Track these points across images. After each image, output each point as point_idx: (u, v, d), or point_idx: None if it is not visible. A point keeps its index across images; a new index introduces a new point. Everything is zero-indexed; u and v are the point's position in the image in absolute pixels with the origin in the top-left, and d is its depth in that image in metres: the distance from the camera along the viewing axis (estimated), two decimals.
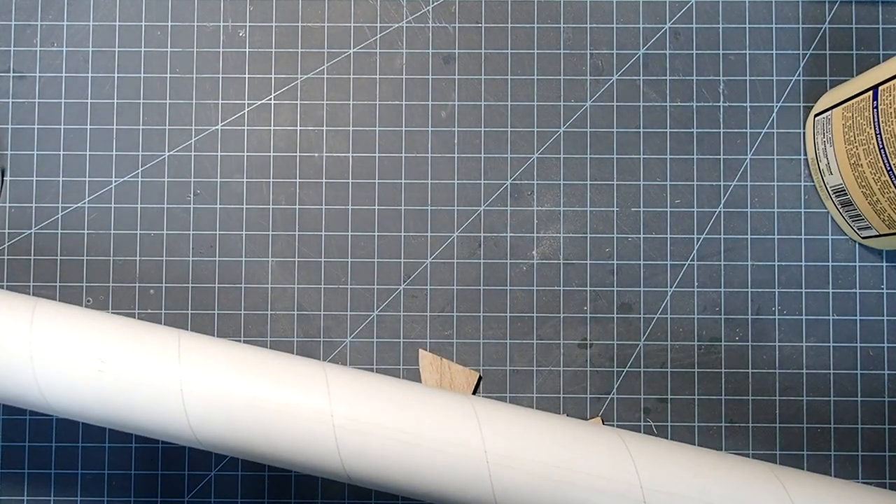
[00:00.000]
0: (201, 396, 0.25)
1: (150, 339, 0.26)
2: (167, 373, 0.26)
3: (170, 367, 0.26)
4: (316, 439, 0.25)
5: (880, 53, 0.36)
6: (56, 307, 0.27)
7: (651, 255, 0.35)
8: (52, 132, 0.36)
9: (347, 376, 0.27)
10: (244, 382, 0.26)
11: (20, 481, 0.35)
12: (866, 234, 0.34)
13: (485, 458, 0.25)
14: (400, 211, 0.36)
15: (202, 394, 0.25)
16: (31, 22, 0.36)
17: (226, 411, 0.25)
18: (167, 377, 0.25)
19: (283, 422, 0.25)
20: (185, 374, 0.26)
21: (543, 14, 0.36)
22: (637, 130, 0.36)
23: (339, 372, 0.27)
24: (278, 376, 0.26)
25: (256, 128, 0.36)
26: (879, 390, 0.35)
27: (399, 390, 0.26)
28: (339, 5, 0.36)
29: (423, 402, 0.26)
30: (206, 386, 0.26)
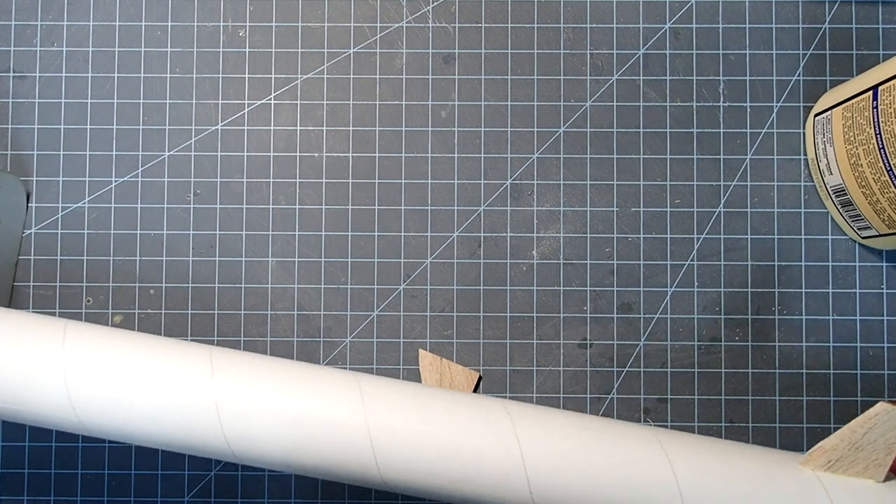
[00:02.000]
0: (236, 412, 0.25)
1: (182, 356, 0.26)
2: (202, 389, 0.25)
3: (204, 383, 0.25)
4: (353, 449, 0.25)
5: (880, 53, 0.36)
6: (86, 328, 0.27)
7: (651, 255, 0.35)
8: (52, 132, 0.36)
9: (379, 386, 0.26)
10: (278, 397, 0.25)
11: (20, 481, 0.35)
12: (866, 234, 0.34)
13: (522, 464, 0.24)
14: (400, 211, 0.36)
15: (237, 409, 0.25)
16: (31, 22, 0.36)
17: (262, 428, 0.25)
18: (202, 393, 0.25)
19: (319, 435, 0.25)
20: (220, 390, 0.25)
21: (543, 14, 0.36)
22: (637, 130, 0.36)
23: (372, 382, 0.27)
24: (312, 389, 0.26)
25: (256, 128, 0.36)
26: (879, 390, 0.35)
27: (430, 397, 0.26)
28: (339, 5, 0.36)
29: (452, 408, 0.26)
30: (240, 401, 0.25)
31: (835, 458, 0.24)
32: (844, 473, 0.25)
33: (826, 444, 0.24)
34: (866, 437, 0.24)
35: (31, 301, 0.35)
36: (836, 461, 0.25)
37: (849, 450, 0.24)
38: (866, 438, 0.24)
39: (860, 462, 0.24)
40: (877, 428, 0.23)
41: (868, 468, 0.24)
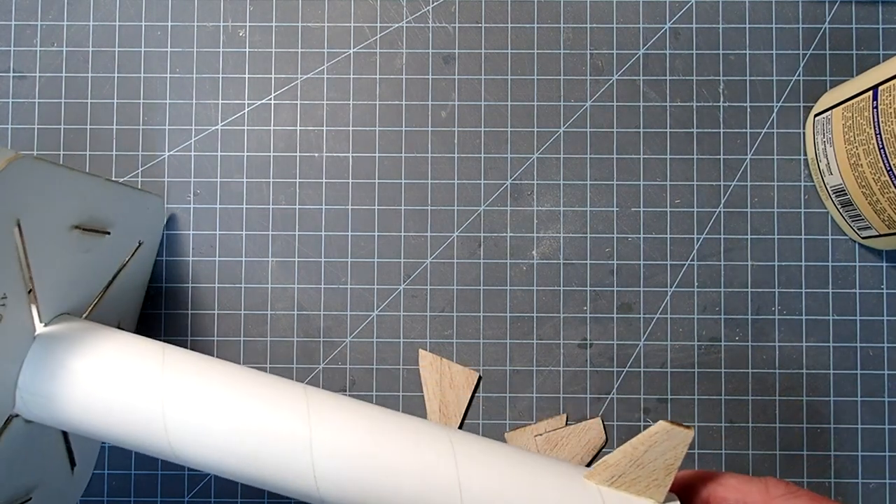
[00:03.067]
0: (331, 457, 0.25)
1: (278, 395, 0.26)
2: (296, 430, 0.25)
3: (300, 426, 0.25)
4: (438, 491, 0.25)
5: (880, 53, 0.36)
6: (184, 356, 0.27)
7: (651, 255, 0.35)
8: (52, 132, 0.36)
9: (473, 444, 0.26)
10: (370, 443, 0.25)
11: None
12: (866, 234, 0.34)
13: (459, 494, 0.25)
14: (400, 211, 0.36)
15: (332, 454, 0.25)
16: (31, 22, 0.36)
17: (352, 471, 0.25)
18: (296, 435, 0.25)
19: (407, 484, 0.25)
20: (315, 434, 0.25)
21: (543, 14, 0.36)
22: (637, 130, 0.36)
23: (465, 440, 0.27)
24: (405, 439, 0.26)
25: (256, 128, 0.36)
26: (879, 390, 0.35)
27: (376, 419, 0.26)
28: (339, 5, 0.36)
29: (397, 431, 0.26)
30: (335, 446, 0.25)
31: (618, 474, 0.24)
32: (627, 490, 0.25)
33: (610, 459, 0.24)
34: (647, 455, 0.24)
35: None
36: (618, 477, 0.24)
37: (630, 466, 0.24)
38: (647, 456, 0.24)
39: (642, 480, 0.24)
40: (657, 446, 0.23)
41: (649, 487, 0.24)
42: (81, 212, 0.28)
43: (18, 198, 0.24)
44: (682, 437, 0.23)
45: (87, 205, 0.28)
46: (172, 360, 0.26)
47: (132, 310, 0.34)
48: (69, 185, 0.27)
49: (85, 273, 0.29)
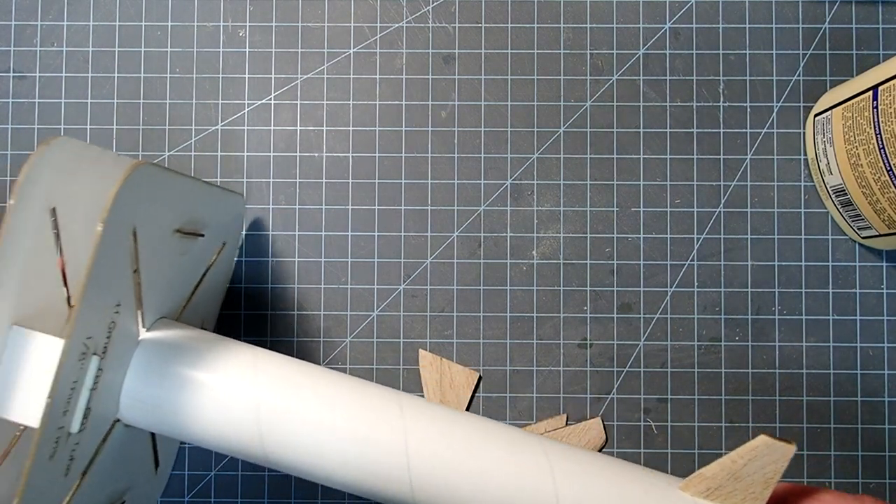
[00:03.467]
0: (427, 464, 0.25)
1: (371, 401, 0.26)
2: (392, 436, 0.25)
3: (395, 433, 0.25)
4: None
5: (880, 53, 0.36)
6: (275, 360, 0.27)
7: (651, 255, 0.35)
8: (52, 132, 0.36)
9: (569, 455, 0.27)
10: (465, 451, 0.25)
11: None
12: (866, 234, 0.34)
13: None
14: (400, 211, 0.36)
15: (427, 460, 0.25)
16: (31, 22, 0.36)
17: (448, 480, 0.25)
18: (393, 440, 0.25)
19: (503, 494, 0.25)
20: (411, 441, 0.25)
21: (543, 14, 0.36)
22: (637, 130, 0.36)
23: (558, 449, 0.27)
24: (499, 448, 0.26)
25: (256, 128, 0.36)
26: (879, 390, 0.35)
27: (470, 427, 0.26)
28: (339, 5, 0.36)
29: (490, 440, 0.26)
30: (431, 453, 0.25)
31: (714, 486, 0.24)
32: (723, 502, 0.25)
33: (706, 472, 0.24)
34: (746, 469, 0.24)
35: None
36: (714, 489, 0.24)
37: (728, 479, 0.24)
38: (746, 470, 0.24)
39: (738, 493, 0.24)
40: (757, 460, 0.23)
41: (745, 499, 0.24)
42: (182, 215, 0.28)
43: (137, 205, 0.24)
44: (783, 452, 0.23)
45: (187, 208, 0.28)
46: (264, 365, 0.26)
47: (214, 310, 0.34)
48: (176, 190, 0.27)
49: (178, 276, 0.29)
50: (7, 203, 0.22)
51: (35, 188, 0.23)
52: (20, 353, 0.24)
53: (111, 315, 0.24)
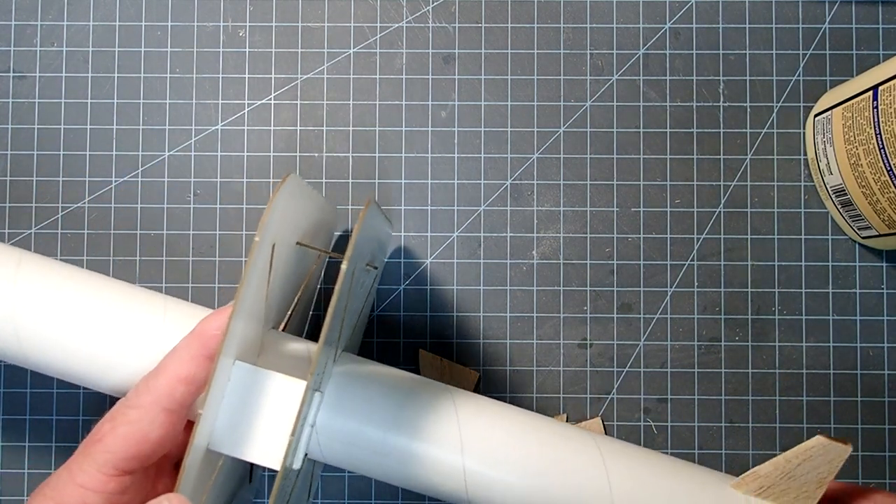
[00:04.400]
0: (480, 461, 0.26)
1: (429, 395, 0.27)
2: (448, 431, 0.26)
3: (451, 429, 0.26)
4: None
5: (880, 53, 0.36)
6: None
7: (651, 255, 0.35)
8: (52, 132, 0.36)
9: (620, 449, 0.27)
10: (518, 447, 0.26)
11: (20, 481, 0.35)
12: (866, 234, 0.34)
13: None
14: (400, 211, 0.36)
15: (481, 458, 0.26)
16: (31, 22, 0.36)
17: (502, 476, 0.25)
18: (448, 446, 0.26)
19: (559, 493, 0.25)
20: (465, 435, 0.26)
21: (543, 14, 0.36)
22: (637, 130, 0.36)
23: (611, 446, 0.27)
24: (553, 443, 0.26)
25: (256, 128, 0.36)
26: (879, 390, 0.35)
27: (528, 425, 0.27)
28: (339, 5, 0.36)
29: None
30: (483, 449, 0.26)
31: (767, 485, 0.25)
32: (775, 501, 0.25)
33: (760, 471, 0.24)
34: (800, 469, 0.24)
35: None
36: (767, 488, 0.25)
37: (781, 478, 0.24)
38: (800, 469, 0.24)
39: (791, 491, 0.24)
40: (812, 460, 0.23)
41: (798, 498, 0.24)
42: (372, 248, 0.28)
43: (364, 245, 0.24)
44: (838, 452, 0.23)
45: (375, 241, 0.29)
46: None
47: (359, 338, 0.34)
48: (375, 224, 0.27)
49: (357, 308, 0.29)
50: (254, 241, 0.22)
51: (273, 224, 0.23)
52: (250, 392, 0.23)
53: (333, 347, 0.24)
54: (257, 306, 0.24)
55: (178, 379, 0.23)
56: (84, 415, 0.35)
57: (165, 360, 0.24)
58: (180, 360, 0.23)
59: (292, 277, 0.29)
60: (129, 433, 0.23)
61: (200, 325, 0.24)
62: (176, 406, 0.24)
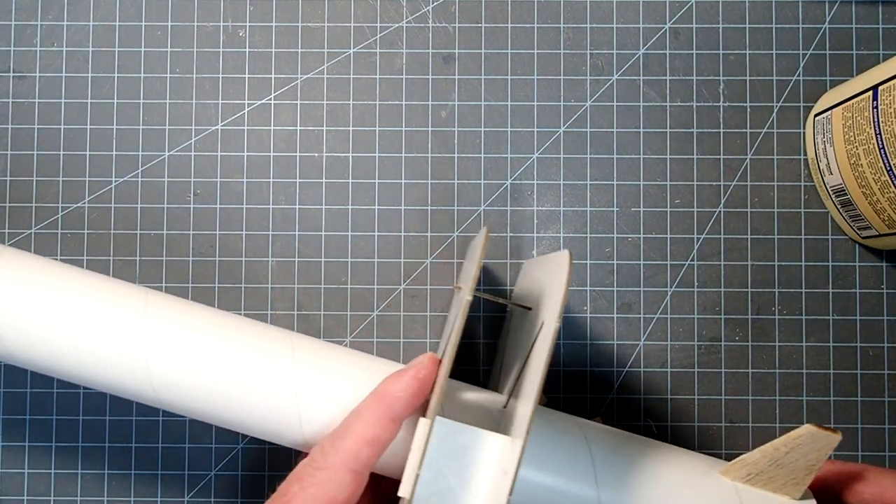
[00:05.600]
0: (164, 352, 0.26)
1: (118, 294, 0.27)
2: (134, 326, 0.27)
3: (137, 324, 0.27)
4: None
5: (880, 53, 0.36)
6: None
7: (651, 255, 0.35)
8: (52, 132, 0.36)
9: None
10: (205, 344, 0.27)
11: (20, 480, 0.35)
12: (866, 234, 0.34)
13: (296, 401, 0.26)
14: (400, 211, 0.36)
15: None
16: (31, 22, 0.36)
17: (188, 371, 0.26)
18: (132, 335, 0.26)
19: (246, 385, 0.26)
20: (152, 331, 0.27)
21: (543, 14, 0.36)
22: (637, 130, 0.36)
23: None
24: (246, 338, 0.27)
25: (256, 128, 0.36)
26: (879, 390, 0.35)
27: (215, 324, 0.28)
28: (339, 5, 0.36)
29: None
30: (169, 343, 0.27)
31: (755, 472, 0.25)
32: (763, 487, 0.25)
33: (748, 458, 0.25)
34: (788, 456, 0.24)
35: None
36: (755, 475, 0.25)
37: (770, 466, 0.24)
38: (788, 457, 0.24)
39: (780, 479, 0.24)
40: (800, 448, 0.23)
41: (786, 485, 0.24)
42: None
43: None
44: (827, 441, 0.23)
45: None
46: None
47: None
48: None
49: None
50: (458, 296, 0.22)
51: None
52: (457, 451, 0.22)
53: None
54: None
55: (365, 441, 0.23)
56: (84, 415, 0.35)
57: (350, 422, 0.24)
58: (366, 422, 0.24)
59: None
60: (318, 494, 0.24)
61: (383, 386, 0.24)
62: (361, 468, 0.24)
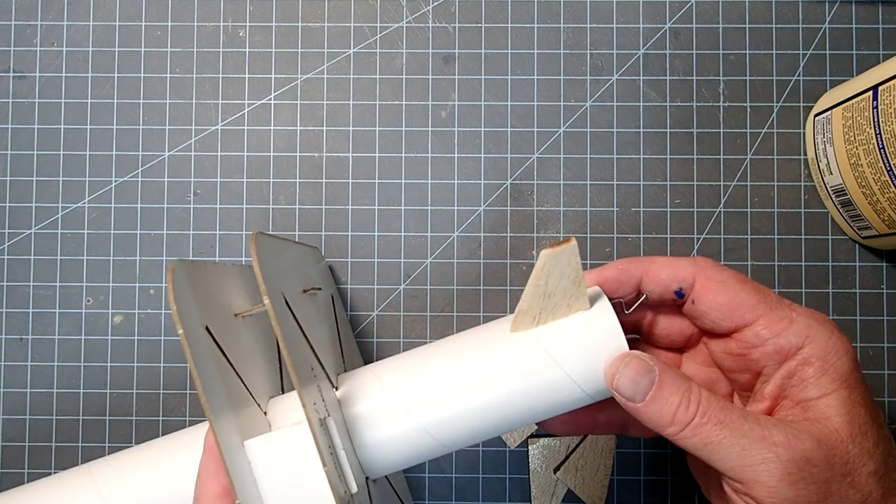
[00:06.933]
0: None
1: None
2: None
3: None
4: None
5: (880, 53, 0.36)
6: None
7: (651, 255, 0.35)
8: (52, 132, 0.36)
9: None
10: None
11: (21, 480, 0.35)
12: (866, 234, 0.34)
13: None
14: (400, 211, 0.36)
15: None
16: (31, 22, 0.36)
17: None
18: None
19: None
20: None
21: (543, 14, 0.36)
22: (637, 130, 0.36)
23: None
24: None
25: (256, 128, 0.36)
26: (879, 390, 0.35)
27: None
28: (339, 5, 0.36)
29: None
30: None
31: (536, 312, 0.25)
32: (553, 320, 0.25)
33: (522, 306, 0.25)
34: (550, 284, 0.24)
35: (31, 301, 0.35)
36: (538, 314, 0.25)
37: (541, 299, 0.24)
38: (550, 285, 0.24)
39: (560, 304, 0.25)
40: (554, 272, 0.24)
41: (569, 304, 0.25)
42: (299, 275, 0.28)
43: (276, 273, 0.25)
44: (569, 252, 0.23)
45: (298, 268, 0.29)
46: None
47: (358, 358, 0.35)
48: (289, 252, 0.28)
49: (326, 333, 0.29)
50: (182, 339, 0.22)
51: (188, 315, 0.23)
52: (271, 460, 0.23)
53: (313, 378, 0.24)
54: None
55: (217, 496, 0.24)
56: (84, 415, 0.35)
57: (198, 489, 0.24)
58: (209, 479, 0.24)
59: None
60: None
61: (209, 440, 0.25)
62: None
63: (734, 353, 0.25)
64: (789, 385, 0.23)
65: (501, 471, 0.35)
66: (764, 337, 0.24)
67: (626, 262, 0.26)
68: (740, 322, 0.24)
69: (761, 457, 0.22)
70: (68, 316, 0.35)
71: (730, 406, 0.23)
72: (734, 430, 0.22)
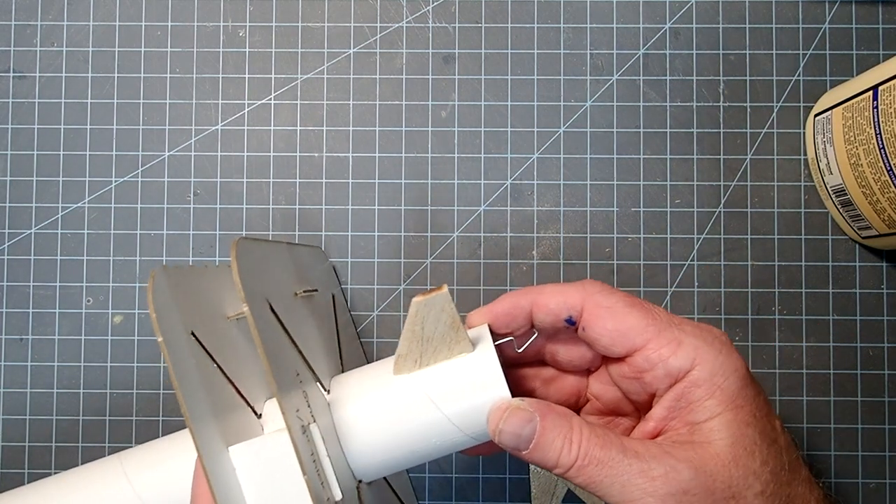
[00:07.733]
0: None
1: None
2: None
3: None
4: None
5: (880, 53, 0.36)
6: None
7: (651, 255, 0.35)
8: (52, 132, 0.36)
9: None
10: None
11: (20, 480, 0.35)
12: (866, 234, 0.34)
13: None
14: (400, 211, 0.36)
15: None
16: (31, 22, 0.36)
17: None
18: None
19: None
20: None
21: (543, 14, 0.36)
22: (637, 130, 0.36)
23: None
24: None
25: (256, 128, 0.36)
26: (879, 390, 0.35)
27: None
28: (339, 5, 0.36)
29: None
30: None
31: (418, 356, 0.25)
32: (437, 362, 0.25)
33: (401, 351, 0.25)
34: (427, 329, 0.24)
35: (31, 301, 0.35)
36: (420, 358, 0.25)
37: (420, 345, 0.25)
38: (427, 330, 0.24)
39: (440, 347, 0.25)
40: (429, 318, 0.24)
41: (450, 348, 0.25)
42: (292, 277, 0.28)
43: (258, 277, 0.25)
44: (441, 299, 0.23)
45: (291, 270, 0.29)
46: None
47: (361, 359, 0.35)
48: (278, 255, 0.28)
49: (322, 335, 0.29)
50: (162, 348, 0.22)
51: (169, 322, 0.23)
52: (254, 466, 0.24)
53: (298, 384, 0.24)
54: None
55: (210, 498, 0.24)
56: (84, 415, 0.35)
57: (193, 489, 0.25)
58: (205, 492, 0.24)
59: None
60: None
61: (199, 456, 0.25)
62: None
63: (628, 376, 0.25)
64: (678, 407, 0.24)
65: (501, 471, 0.35)
66: (654, 361, 0.24)
67: (515, 294, 0.26)
68: (630, 347, 0.24)
69: (640, 491, 0.22)
70: (68, 316, 0.35)
71: (610, 442, 0.23)
72: (613, 468, 0.22)
